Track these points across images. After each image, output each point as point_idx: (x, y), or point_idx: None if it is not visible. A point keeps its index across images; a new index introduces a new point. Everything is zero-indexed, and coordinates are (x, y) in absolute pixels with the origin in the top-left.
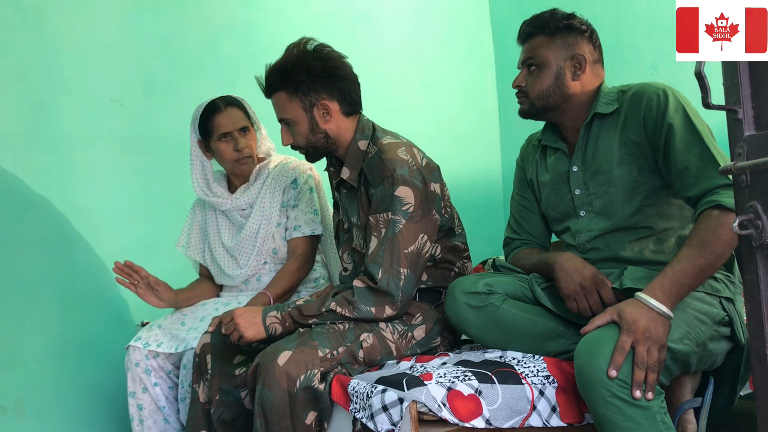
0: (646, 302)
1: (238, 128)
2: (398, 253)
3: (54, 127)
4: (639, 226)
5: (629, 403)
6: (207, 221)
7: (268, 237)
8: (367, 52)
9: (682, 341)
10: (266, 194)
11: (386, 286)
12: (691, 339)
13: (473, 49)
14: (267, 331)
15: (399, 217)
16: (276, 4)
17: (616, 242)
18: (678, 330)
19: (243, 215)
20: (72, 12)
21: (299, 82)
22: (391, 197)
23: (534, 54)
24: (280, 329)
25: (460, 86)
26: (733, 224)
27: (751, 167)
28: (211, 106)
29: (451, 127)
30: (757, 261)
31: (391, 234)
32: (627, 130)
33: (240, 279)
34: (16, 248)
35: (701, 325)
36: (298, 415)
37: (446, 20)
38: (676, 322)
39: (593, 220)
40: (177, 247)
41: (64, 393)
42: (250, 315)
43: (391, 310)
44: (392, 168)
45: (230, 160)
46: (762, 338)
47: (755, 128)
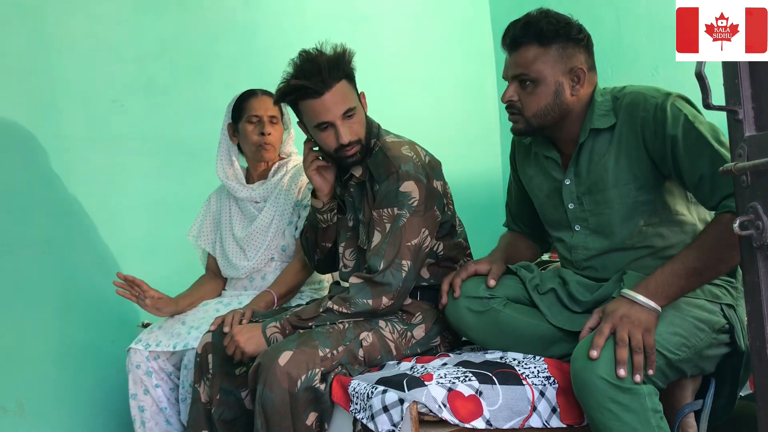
0: (629, 296)
1: (268, 115)
2: (402, 246)
3: (54, 127)
4: (638, 246)
5: (625, 407)
6: (221, 211)
7: (278, 233)
8: (367, 52)
9: (679, 349)
10: (282, 191)
11: (384, 277)
12: (689, 347)
13: (473, 49)
14: (268, 343)
15: (404, 212)
16: (276, 5)
17: (614, 262)
18: (675, 338)
19: (256, 208)
20: (72, 13)
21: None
22: (396, 192)
23: (528, 69)
24: (282, 338)
25: (461, 87)
26: (734, 225)
27: (752, 168)
28: (249, 91)
29: (451, 128)
30: (757, 262)
31: (395, 227)
32: (625, 147)
33: (245, 271)
34: (17, 249)
35: (700, 333)
36: (299, 416)
37: (446, 21)
38: (674, 329)
39: (589, 238)
40: (188, 236)
41: (65, 394)
42: (248, 330)
43: (387, 300)
44: (397, 164)
45: (254, 143)
46: (763, 338)
47: (756, 129)
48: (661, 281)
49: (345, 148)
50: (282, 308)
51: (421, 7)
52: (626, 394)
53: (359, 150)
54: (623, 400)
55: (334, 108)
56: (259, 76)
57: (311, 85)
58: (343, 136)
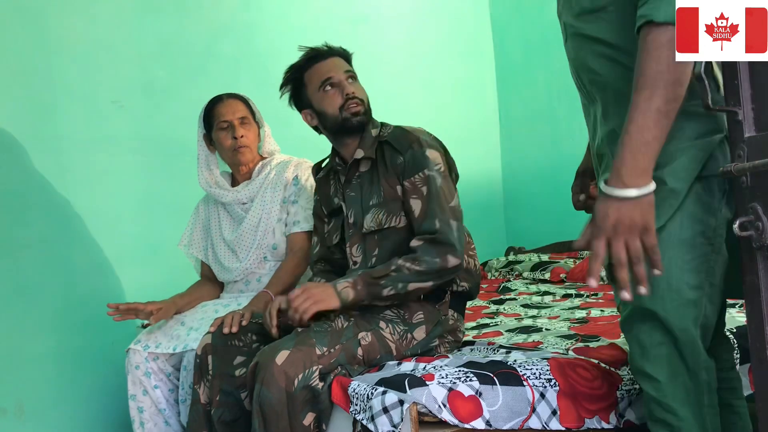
0: (611, 194)
1: (237, 117)
2: (444, 206)
3: (54, 128)
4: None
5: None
6: (210, 218)
7: (268, 231)
8: (368, 52)
9: (698, 288)
10: (267, 189)
11: (445, 236)
12: (701, 272)
13: (473, 49)
14: (340, 297)
15: (434, 173)
16: (276, 6)
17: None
18: (690, 275)
19: (243, 209)
20: (72, 14)
21: None
22: (423, 157)
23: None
24: (352, 294)
25: (460, 87)
26: (734, 225)
27: (751, 169)
28: (215, 98)
29: (451, 128)
30: (757, 262)
31: (433, 189)
32: None
33: (239, 273)
34: (16, 250)
35: (704, 247)
36: (296, 415)
37: (446, 21)
38: (685, 265)
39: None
40: (179, 246)
41: (65, 395)
42: (321, 286)
43: (454, 259)
44: (416, 135)
45: (228, 149)
46: (762, 339)
47: (755, 129)
48: (633, 150)
49: (350, 101)
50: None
51: (421, 7)
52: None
53: (363, 111)
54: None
55: (337, 68)
56: (258, 77)
57: (317, 48)
58: (348, 87)
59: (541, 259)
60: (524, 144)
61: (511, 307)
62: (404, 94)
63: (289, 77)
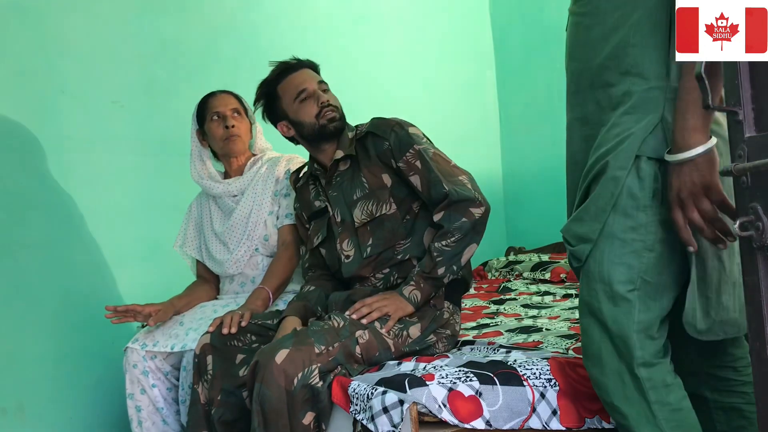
0: (670, 161)
1: (230, 109)
2: (444, 167)
3: (54, 128)
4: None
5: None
6: (202, 213)
7: (259, 223)
8: (368, 52)
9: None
10: (258, 182)
11: (457, 194)
12: (636, 272)
13: (473, 49)
14: (411, 301)
15: (424, 146)
16: (276, 6)
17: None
18: (621, 270)
19: (234, 201)
20: (72, 14)
21: None
22: (407, 135)
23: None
24: (420, 294)
25: (461, 87)
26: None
27: (752, 169)
28: (208, 94)
29: (451, 128)
30: (757, 262)
31: (427, 159)
32: None
33: (230, 265)
34: (16, 250)
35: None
36: (296, 414)
37: (446, 20)
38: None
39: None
40: (174, 248)
41: (64, 394)
42: (390, 296)
43: (477, 209)
44: (394, 120)
45: (220, 138)
46: (762, 339)
47: (756, 129)
48: (681, 117)
49: (326, 109)
50: (277, 311)
51: (421, 7)
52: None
53: (338, 117)
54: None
55: (310, 79)
56: (258, 77)
57: (287, 61)
58: (322, 96)
59: (541, 259)
60: (524, 144)
61: (511, 307)
62: (404, 94)
63: (262, 92)
